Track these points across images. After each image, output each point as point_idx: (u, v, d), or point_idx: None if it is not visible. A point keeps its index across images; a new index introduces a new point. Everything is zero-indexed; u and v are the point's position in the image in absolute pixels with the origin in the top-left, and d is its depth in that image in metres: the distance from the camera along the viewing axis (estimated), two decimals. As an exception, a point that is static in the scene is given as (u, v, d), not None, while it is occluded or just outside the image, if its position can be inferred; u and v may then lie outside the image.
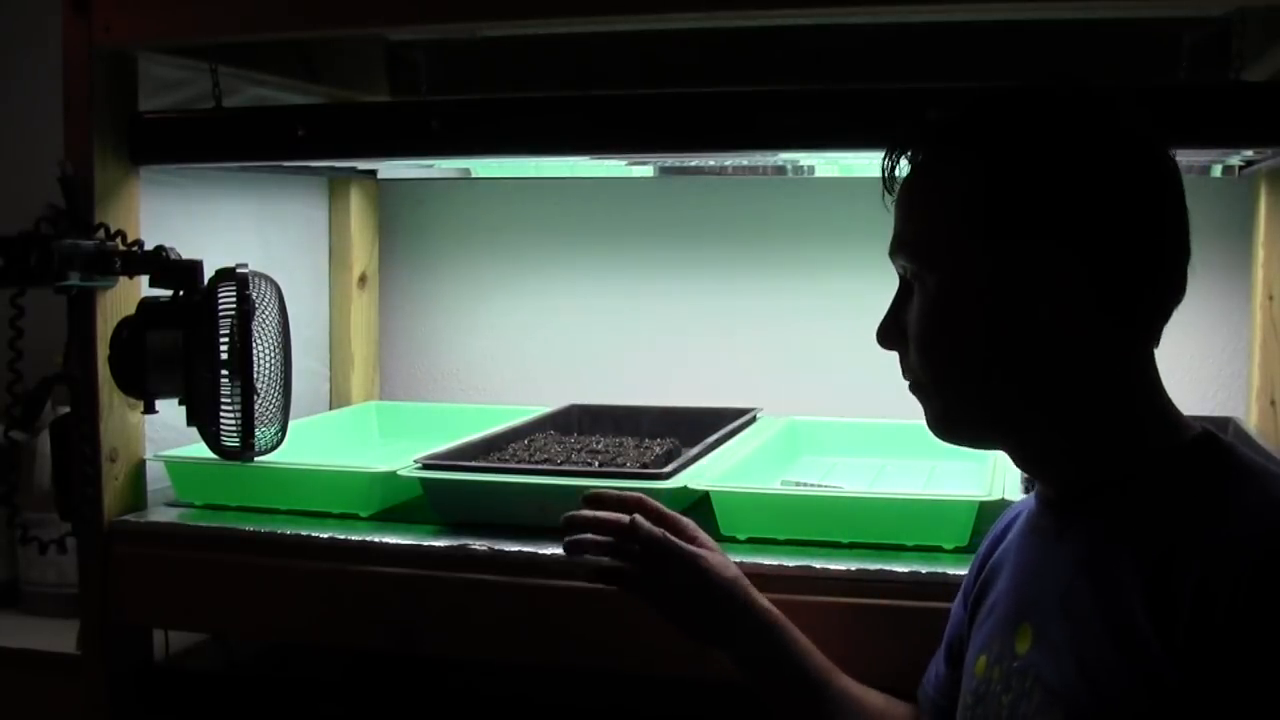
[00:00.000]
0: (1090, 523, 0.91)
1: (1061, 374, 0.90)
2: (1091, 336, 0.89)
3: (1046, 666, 0.89)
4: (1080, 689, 0.86)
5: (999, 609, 0.99)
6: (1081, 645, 0.87)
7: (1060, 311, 0.88)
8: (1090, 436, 0.91)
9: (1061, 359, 0.90)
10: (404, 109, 1.74)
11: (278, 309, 1.49)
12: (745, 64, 1.78)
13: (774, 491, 1.48)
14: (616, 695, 1.49)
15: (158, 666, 1.61)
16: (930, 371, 0.94)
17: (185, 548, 1.52)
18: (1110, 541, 0.88)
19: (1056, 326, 0.89)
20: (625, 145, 1.55)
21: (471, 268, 2.17)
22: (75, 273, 1.37)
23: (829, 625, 1.30)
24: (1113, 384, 0.91)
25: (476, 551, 1.41)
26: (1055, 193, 0.88)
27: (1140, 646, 0.82)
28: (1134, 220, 0.88)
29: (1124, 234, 0.88)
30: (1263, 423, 1.75)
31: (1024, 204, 0.88)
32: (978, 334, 0.91)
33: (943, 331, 0.93)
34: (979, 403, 0.93)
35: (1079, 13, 1.61)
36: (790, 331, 2.01)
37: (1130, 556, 0.85)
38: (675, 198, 2.07)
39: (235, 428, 1.44)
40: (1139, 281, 0.89)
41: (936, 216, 0.93)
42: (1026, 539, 0.99)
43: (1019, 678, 0.92)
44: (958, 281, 0.91)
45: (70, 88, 1.51)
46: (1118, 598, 0.84)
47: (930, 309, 0.93)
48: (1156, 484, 0.88)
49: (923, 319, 0.94)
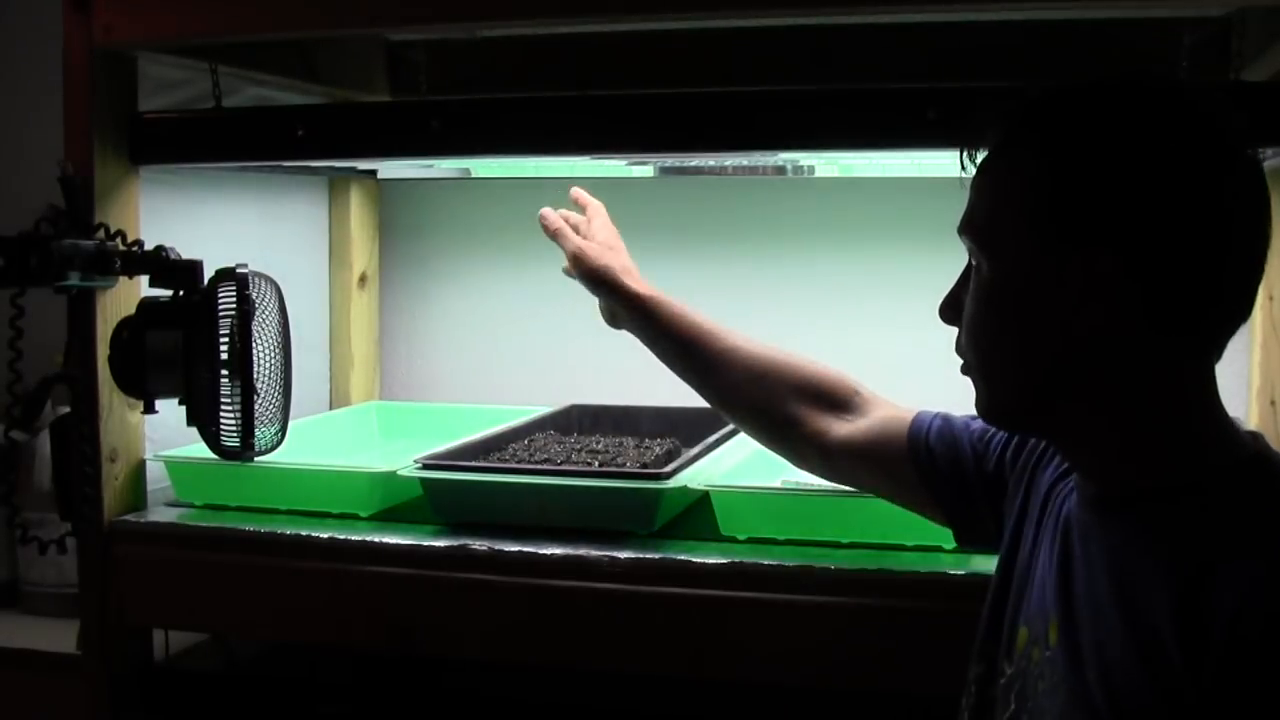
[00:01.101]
0: (1128, 530, 0.88)
1: (1106, 377, 0.88)
2: (1140, 345, 0.87)
3: (1072, 666, 0.88)
4: (1100, 696, 0.85)
5: (1039, 590, 0.96)
6: (1106, 652, 0.85)
7: (1106, 317, 0.86)
8: (1134, 443, 0.89)
9: (1106, 363, 0.87)
10: (404, 109, 1.74)
11: (278, 309, 1.49)
12: (745, 64, 1.78)
13: (774, 491, 1.47)
14: (616, 695, 1.49)
15: (158, 666, 1.61)
16: (975, 356, 0.94)
17: (185, 548, 1.52)
18: (1145, 553, 0.86)
19: (1102, 330, 0.86)
20: (625, 145, 1.55)
21: (471, 268, 2.17)
22: (75, 273, 1.37)
23: (829, 625, 1.31)
24: (1162, 393, 0.88)
25: (476, 551, 1.41)
26: (1113, 200, 0.85)
27: (1163, 664, 0.80)
28: (1195, 238, 0.85)
29: (1183, 251, 0.85)
30: (1263, 423, 1.75)
31: (1079, 207, 0.86)
32: (1020, 326, 0.90)
33: (988, 319, 0.92)
34: (1019, 394, 0.92)
35: (1079, 13, 1.61)
36: (790, 331, 2.00)
37: (1164, 571, 0.83)
38: (675, 198, 2.07)
39: (235, 428, 1.44)
40: (1195, 298, 0.86)
41: (998, 203, 0.91)
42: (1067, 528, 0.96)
43: (1050, 668, 0.91)
44: (1008, 271, 0.90)
45: (70, 88, 1.51)
46: (1146, 615, 0.82)
47: (980, 294, 0.93)
48: (1200, 501, 0.85)
49: (972, 303, 0.94)
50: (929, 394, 1.25)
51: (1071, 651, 0.89)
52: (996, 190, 0.92)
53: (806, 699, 1.45)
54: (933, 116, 1.31)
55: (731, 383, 1.28)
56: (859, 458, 1.23)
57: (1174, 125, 0.87)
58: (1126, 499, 0.89)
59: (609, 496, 1.45)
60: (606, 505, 1.44)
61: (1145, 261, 0.85)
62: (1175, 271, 0.85)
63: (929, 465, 1.16)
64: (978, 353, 0.94)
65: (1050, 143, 0.88)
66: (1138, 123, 0.87)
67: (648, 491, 1.43)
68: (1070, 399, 0.90)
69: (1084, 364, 0.88)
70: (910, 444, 1.18)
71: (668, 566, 1.35)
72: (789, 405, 1.25)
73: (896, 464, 1.19)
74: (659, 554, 1.37)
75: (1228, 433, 0.90)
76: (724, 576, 1.34)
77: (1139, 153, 0.85)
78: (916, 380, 1.89)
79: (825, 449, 1.24)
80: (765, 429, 1.30)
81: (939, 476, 1.16)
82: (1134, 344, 0.87)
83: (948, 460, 1.15)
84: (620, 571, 1.36)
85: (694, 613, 1.34)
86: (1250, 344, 1.80)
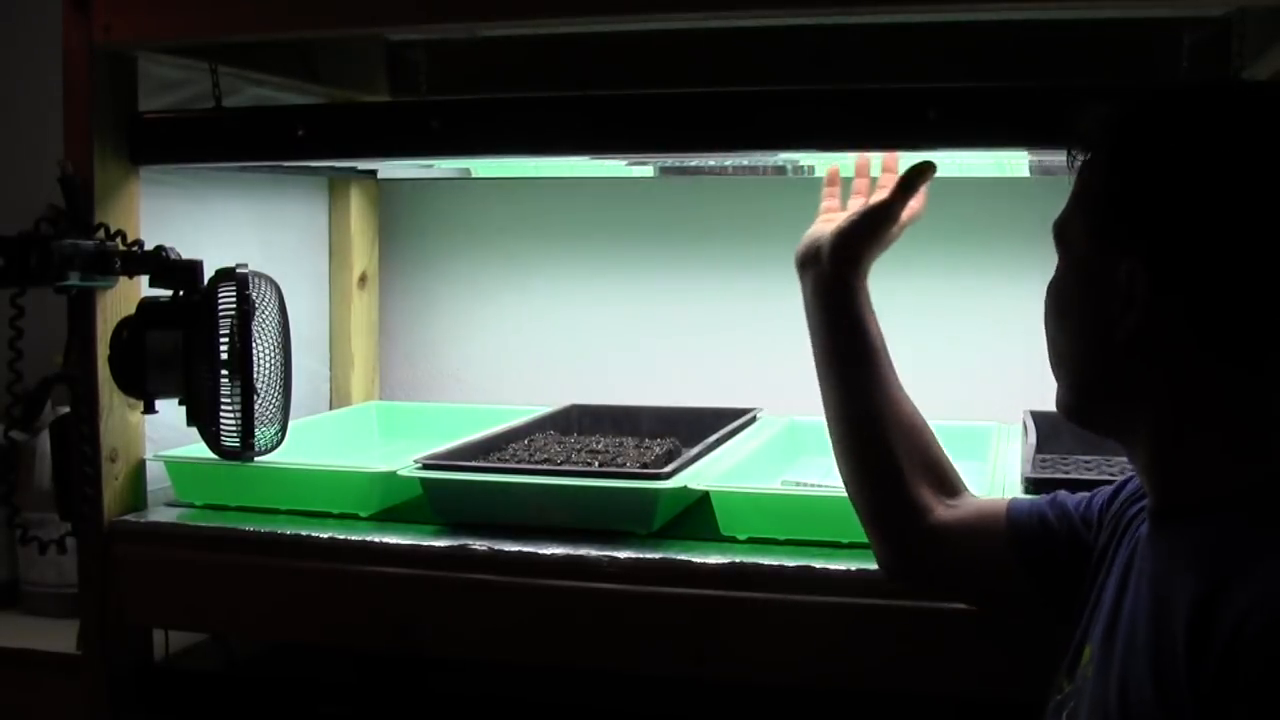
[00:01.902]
0: (1170, 544, 0.88)
1: (1150, 388, 0.88)
2: (1184, 360, 0.86)
3: (1100, 679, 0.88)
4: (1116, 710, 0.84)
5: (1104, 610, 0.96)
6: (1128, 668, 0.85)
7: (1147, 325, 0.86)
8: (1181, 456, 0.88)
9: (1151, 370, 0.87)
10: (404, 109, 1.74)
11: (278, 309, 1.49)
12: (745, 64, 1.78)
13: (774, 491, 1.48)
14: (616, 695, 1.49)
15: (158, 666, 1.61)
16: (1048, 348, 0.97)
17: (185, 548, 1.52)
18: (1179, 568, 0.85)
19: (1143, 338, 0.86)
20: (625, 145, 1.55)
21: (471, 268, 2.17)
22: (75, 273, 1.37)
23: (829, 625, 1.30)
24: (1207, 408, 0.87)
25: (476, 551, 1.41)
26: (1151, 216, 0.85)
27: (1174, 685, 0.79)
28: (1245, 262, 0.83)
29: (1225, 271, 0.83)
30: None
31: (1129, 215, 0.87)
32: (1074, 323, 0.92)
33: (1049, 316, 0.95)
34: (1078, 392, 0.94)
35: (1079, 13, 1.61)
36: (790, 331, 2.00)
37: (1184, 589, 0.82)
38: (675, 198, 2.07)
39: (235, 428, 1.44)
40: (1242, 318, 0.84)
41: (1076, 204, 0.94)
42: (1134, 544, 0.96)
43: (1090, 682, 0.91)
44: (1071, 269, 0.93)
45: (70, 88, 1.51)
46: (1168, 628, 0.82)
47: (1051, 289, 0.96)
48: (1232, 517, 0.84)
49: (1046, 297, 0.96)
50: (929, 395, 1.25)
51: (1103, 663, 0.89)
52: (1076, 188, 0.94)
53: (806, 699, 1.45)
54: (933, 116, 1.31)
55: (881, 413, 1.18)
56: (956, 545, 1.15)
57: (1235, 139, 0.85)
58: (1174, 512, 0.89)
59: (609, 496, 1.45)
60: (606, 505, 1.44)
61: (1179, 276, 0.84)
62: (1221, 290, 0.84)
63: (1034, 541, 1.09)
64: (1048, 344, 0.97)
65: (1116, 145, 0.89)
66: (1198, 134, 0.86)
67: (647, 491, 1.43)
68: (1120, 401, 0.91)
69: (1127, 368, 0.88)
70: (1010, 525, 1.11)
71: (668, 566, 1.35)
72: (917, 468, 1.17)
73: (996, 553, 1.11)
74: (659, 554, 1.37)
75: (1268, 451, 0.87)
76: (724, 576, 1.34)
77: (1191, 166, 0.85)
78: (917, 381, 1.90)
79: (929, 528, 1.15)
80: (878, 480, 1.18)
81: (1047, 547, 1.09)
82: (1180, 358, 0.86)
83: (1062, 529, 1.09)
84: (620, 571, 1.36)
85: (694, 613, 1.34)
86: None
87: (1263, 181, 0.83)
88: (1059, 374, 0.96)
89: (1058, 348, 0.95)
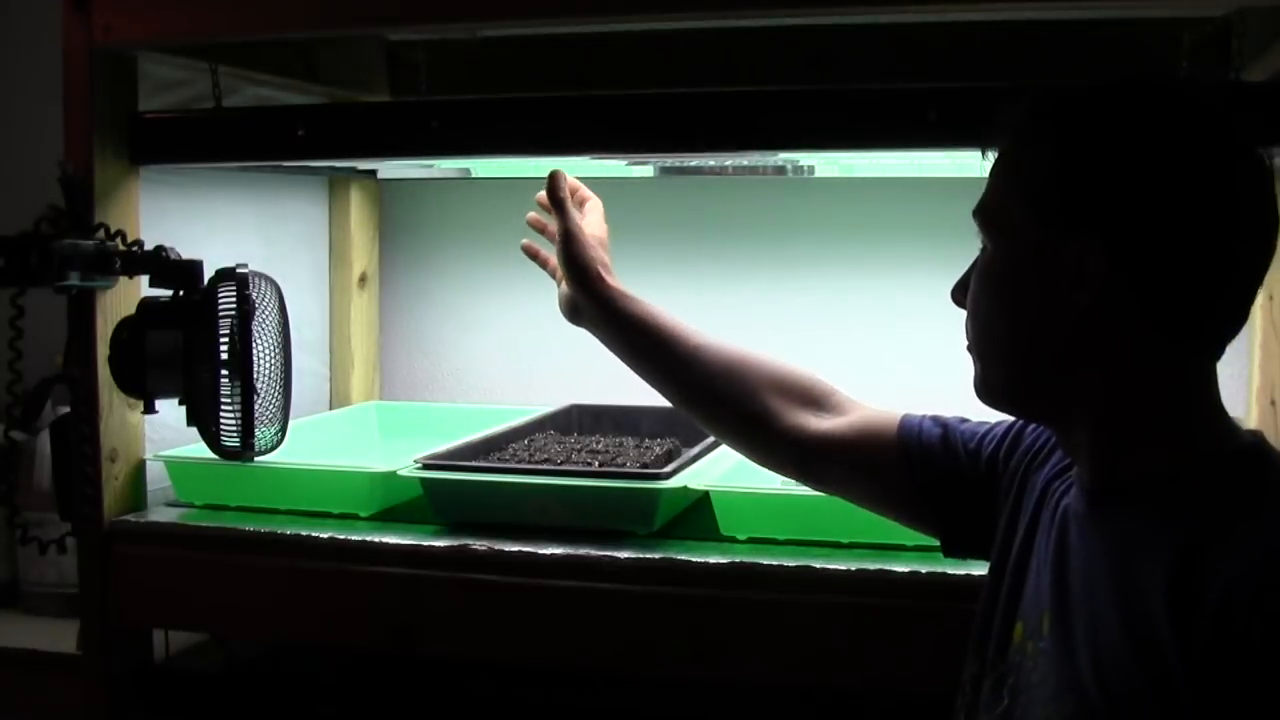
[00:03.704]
0: (1122, 519, 0.89)
1: (1098, 364, 0.89)
2: (1130, 339, 0.88)
3: (1064, 656, 0.89)
4: (1092, 685, 0.85)
5: (1035, 584, 0.97)
6: (1098, 642, 0.86)
7: (1096, 305, 0.87)
8: (1128, 433, 0.90)
9: (1097, 350, 0.89)
10: (404, 109, 1.74)
11: (278, 309, 1.49)
12: (745, 64, 1.78)
13: (774, 491, 1.47)
14: (617, 695, 1.49)
15: (158, 666, 1.61)
16: (974, 334, 0.97)
17: (185, 548, 1.52)
18: (1139, 541, 0.87)
19: (1091, 317, 0.88)
20: (625, 145, 1.55)
21: (471, 268, 2.17)
22: (75, 273, 1.37)
23: (829, 625, 1.31)
24: (1156, 386, 0.89)
25: (476, 551, 1.41)
26: (1110, 192, 0.87)
27: (1155, 652, 0.81)
28: (1194, 238, 0.86)
29: (1180, 250, 0.86)
30: (1263, 423, 1.75)
31: (1079, 193, 0.88)
32: (1015, 305, 0.93)
33: (987, 296, 0.95)
34: (1011, 372, 0.95)
35: (1079, 13, 1.61)
36: (790, 331, 2.01)
37: (1156, 559, 0.83)
38: (675, 198, 2.07)
39: (235, 428, 1.44)
40: (1193, 298, 0.87)
41: (1009, 186, 0.94)
42: (1064, 522, 0.97)
43: (1043, 659, 0.92)
44: (1010, 251, 0.93)
45: (70, 88, 1.51)
46: (1139, 599, 0.83)
47: (983, 273, 0.95)
48: (1193, 488, 0.86)
49: (976, 281, 0.96)
50: (929, 393, 1.26)
51: (1063, 641, 0.90)
52: (1008, 175, 0.95)
53: (806, 699, 1.45)
54: (933, 116, 1.31)
55: (701, 377, 1.22)
56: (841, 457, 1.18)
57: (1183, 125, 0.88)
58: (1122, 488, 0.90)
59: (609, 496, 1.45)
60: (606, 505, 1.44)
61: (1135, 255, 0.86)
62: (1172, 269, 0.86)
63: (922, 464, 1.14)
64: (977, 330, 0.97)
65: (1062, 132, 0.90)
66: (1149, 120, 0.88)
67: (647, 491, 1.43)
68: (1062, 381, 0.91)
69: (1074, 348, 0.89)
70: (901, 442, 1.15)
71: (668, 566, 1.35)
72: (762, 400, 1.20)
73: (884, 465, 1.15)
74: (659, 554, 1.37)
75: (1224, 426, 0.91)
76: (724, 576, 1.34)
77: (1144, 149, 0.87)
78: (917, 380, 1.90)
79: (802, 446, 1.19)
80: (735, 426, 1.23)
81: (932, 476, 1.13)
82: (1128, 336, 0.88)
83: (941, 459, 1.13)
84: (620, 571, 1.36)
85: (694, 613, 1.34)
86: (1250, 344, 1.80)
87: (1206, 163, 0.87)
88: (990, 357, 0.96)
89: (992, 331, 0.95)
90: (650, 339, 1.24)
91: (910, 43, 1.70)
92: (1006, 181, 0.95)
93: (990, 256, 0.95)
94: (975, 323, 0.97)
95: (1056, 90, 0.93)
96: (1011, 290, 0.93)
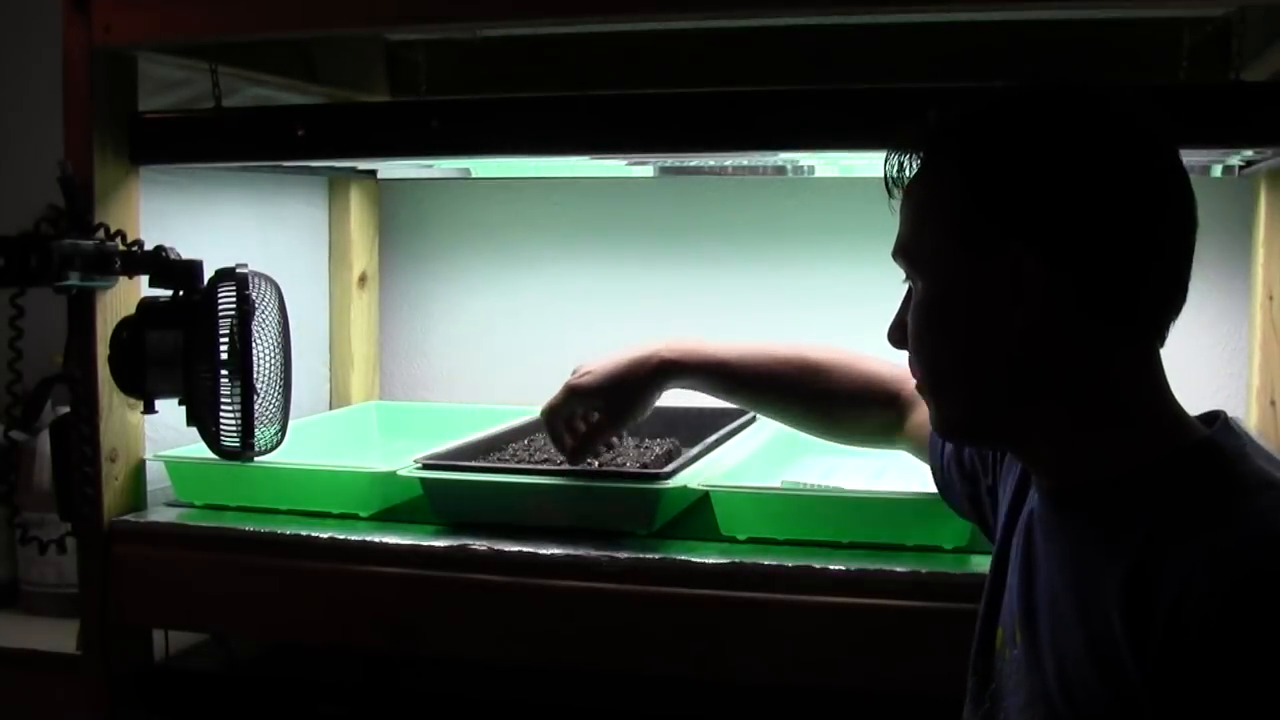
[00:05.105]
0: (1080, 523, 0.89)
1: (1050, 375, 0.88)
2: (1076, 340, 0.87)
3: (1031, 664, 0.89)
4: (1058, 696, 0.85)
5: (1010, 589, 0.97)
6: (1062, 651, 0.86)
7: (1042, 313, 0.86)
8: (1082, 437, 0.89)
9: (1048, 360, 0.88)
10: (404, 109, 1.74)
11: (278, 309, 1.49)
12: (745, 64, 1.78)
13: (774, 491, 1.48)
14: (616, 695, 1.49)
15: (158, 666, 1.61)
16: (924, 374, 0.95)
17: (185, 548, 1.52)
18: (1096, 545, 0.86)
19: (1040, 327, 0.87)
20: (625, 145, 1.55)
21: (471, 268, 2.17)
22: (75, 273, 1.37)
23: (829, 625, 1.31)
24: (1104, 383, 0.88)
25: (476, 551, 1.41)
26: (1028, 197, 0.86)
27: (1114, 661, 0.80)
28: (1120, 226, 0.86)
29: (1108, 240, 0.85)
30: (1263, 423, 1.75)
31: (997, 207, 0.87)
32: (957, 340, 0.91)
33: (927, 335, 0.93)
34: (967, 407, 0.93)
35: (1079, 13, 1.61)
36: (790, 331, 2.01)
37: (1111, 564, 0.82)
38: (675, 198, 2.07)
39: (235, 428, 1.44)
40: (1128, 285, 0.87)
41: (923, 219, 0.93)
42: (1031, 530, 0.97)
43: (1015, 667, 0.92)
44: (939, 287, 0.91)
45: (70, 88, 1.51)
46: (1097, 606, 0.82)
47: (919, 313, 0.93)
48: (1145, 489, 0.85)
49: (913, 322, 0.94)
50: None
51: (1031, 649, 0.90)
52: (919, 207, 0.93)
53: (806, 699, 1.45)
54: (929, 121, 1.31)
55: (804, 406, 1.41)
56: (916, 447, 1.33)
57: (1086, 123, 0.88)
58: (1078, 492, 0.90)
59: (609, 496, 1.45)
60: (606, 505, 1.44)
61: (1069, 252, 0.86)
62: (1101, 258, 0.86)
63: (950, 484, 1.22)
64: (924, 369, 0.95)
65: (964, 151, 0.89)
66: (1050, 123, 0.88)
67: (647, 491, 1.43)
68: (1019, 403, 0.90)
69: (1028, 365, 0.88)
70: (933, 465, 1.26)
71: (668, 566, 1.35)
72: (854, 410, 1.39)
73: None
74: (659, 554, 1.37)
75: (1174, 420, 0.90)
76: (724, 576, 1.34)
77: (1051, 150, 0.87)
78: (916, 380, 1.90)
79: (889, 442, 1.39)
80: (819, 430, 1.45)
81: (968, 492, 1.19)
82: (1073, 336, 0.87)
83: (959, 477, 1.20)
84: (620, 571, 1.36)
85: (694, 613, 1.34)
86: (1250, 344, 1.80)
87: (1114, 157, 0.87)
88: (945, 393, 0.94)
89: (940, 366, 0.93)
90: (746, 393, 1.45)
91: (910, 43, 1.70)
92: (919, 213, 0.93)
93: (923, 294, 0.93)
94: (921, 361, 0.95)
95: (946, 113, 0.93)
96: (951, 321, 0.91)
